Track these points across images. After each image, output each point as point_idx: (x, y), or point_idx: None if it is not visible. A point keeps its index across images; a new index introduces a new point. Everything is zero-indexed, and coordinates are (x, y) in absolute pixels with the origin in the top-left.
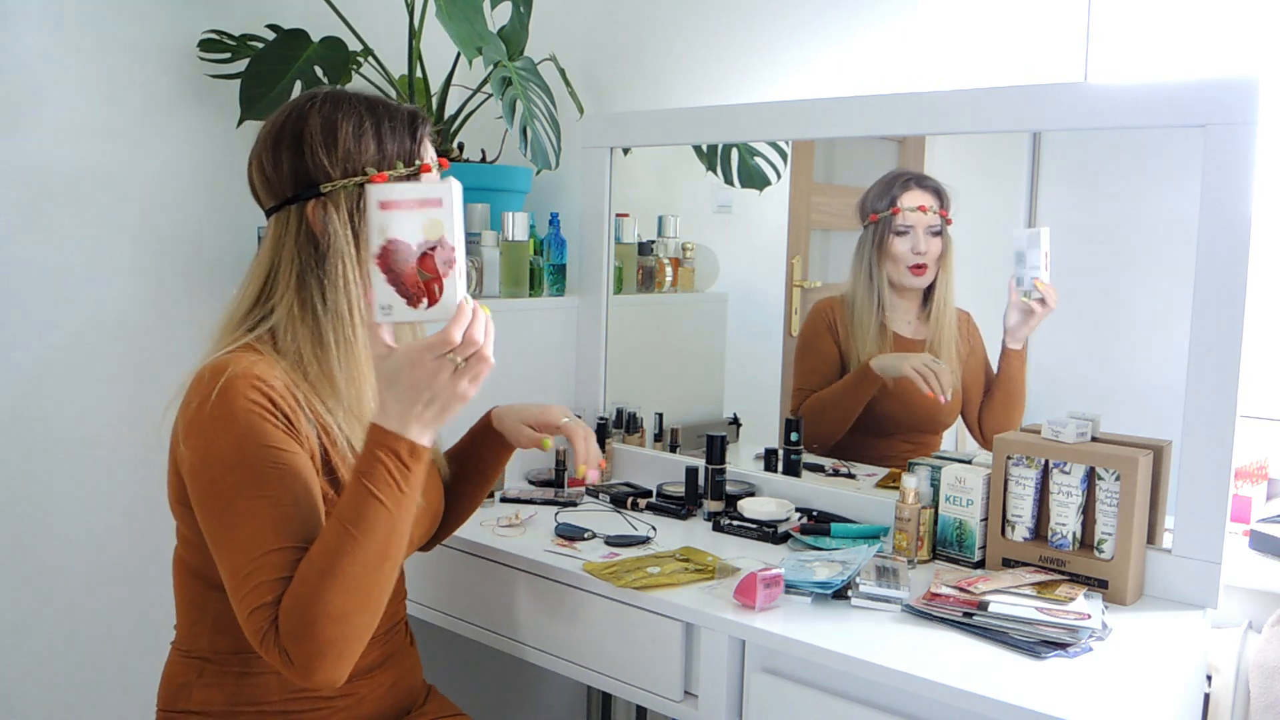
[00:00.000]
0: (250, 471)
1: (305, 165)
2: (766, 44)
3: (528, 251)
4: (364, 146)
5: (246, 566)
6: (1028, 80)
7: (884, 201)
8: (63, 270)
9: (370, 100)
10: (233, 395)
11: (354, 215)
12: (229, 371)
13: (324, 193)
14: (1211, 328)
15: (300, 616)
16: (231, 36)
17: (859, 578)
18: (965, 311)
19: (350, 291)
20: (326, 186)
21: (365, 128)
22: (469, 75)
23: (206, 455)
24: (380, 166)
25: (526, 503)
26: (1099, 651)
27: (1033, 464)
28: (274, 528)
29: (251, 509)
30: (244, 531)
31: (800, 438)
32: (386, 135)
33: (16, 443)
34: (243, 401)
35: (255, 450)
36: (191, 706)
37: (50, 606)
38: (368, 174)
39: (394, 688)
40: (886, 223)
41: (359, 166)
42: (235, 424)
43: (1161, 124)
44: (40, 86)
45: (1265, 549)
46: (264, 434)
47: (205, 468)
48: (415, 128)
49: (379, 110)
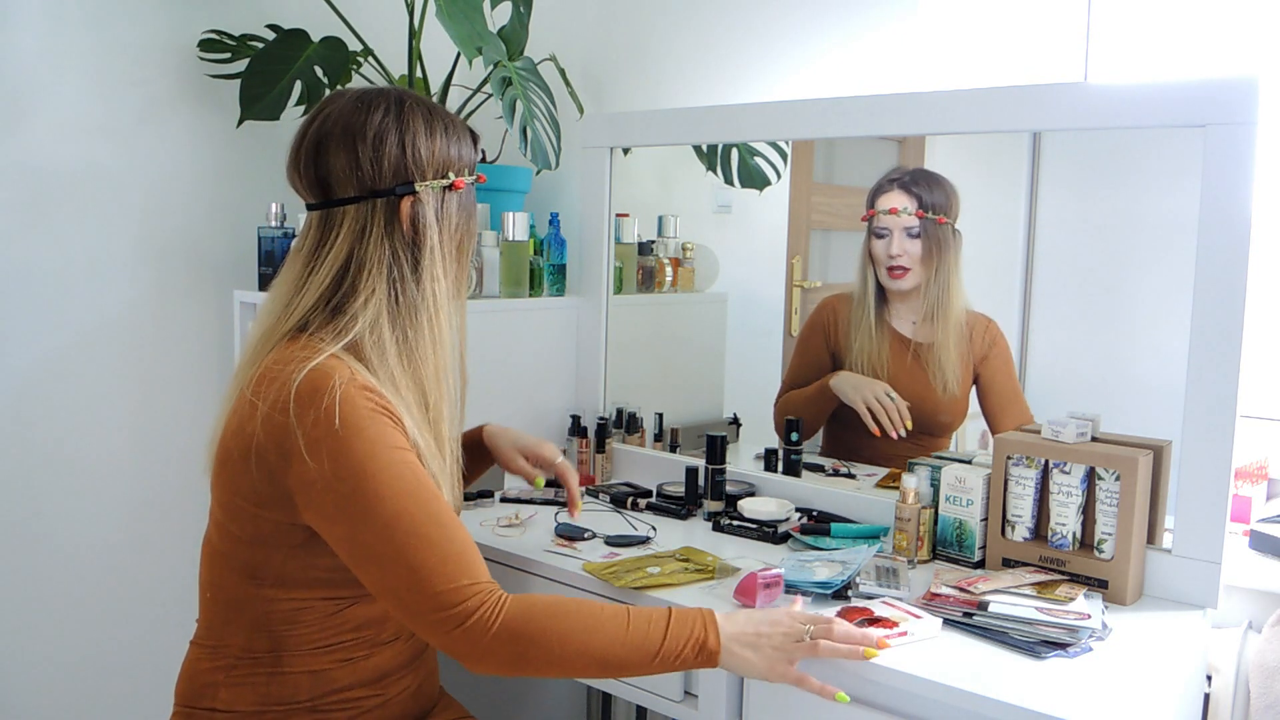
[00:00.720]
0: (391, 476)
1: (405, 161)
2: (766, 44)
3: (528, 251)
4: (452, 150)
5: (455, 549)
6: (1028, 80)
7: (868, 202)
8: (63, 270)
9: (435, 106)
10: (352, 406)
11: (439, 213)
12: (336, 382)
13: (417, 190)
14: (1211, 328)
15: (540, 627)
16: (231, 36)
17: (859, 578)
18: (984, 316)
19: (440, 286)
20: (421, 185)
21: (453, 133)
22: (469, 75)
23: (341, 468)
24: (460, 173)
25: (526, 503)
26: (1099, 651)
27: (1033, 464)
28: (433, 524)
29: (403, 513)
30: (404, 535)
31: (800, 438)
32: (464, 142)
33: (17, 443)
34: (364, 410)
35: (388, 453)
36: (217, 705)
37: (52, 607)
38: (450, 178)
39: (418, 691)
40: (870, 223)
41: (445, 169)
42: (365, 434)
43: (1161, 124)
44: (40, 86)
45: (1265, 549)
46: (393, 438)
47: (340, 480)
48: (475, 138)
49: (449, 118)
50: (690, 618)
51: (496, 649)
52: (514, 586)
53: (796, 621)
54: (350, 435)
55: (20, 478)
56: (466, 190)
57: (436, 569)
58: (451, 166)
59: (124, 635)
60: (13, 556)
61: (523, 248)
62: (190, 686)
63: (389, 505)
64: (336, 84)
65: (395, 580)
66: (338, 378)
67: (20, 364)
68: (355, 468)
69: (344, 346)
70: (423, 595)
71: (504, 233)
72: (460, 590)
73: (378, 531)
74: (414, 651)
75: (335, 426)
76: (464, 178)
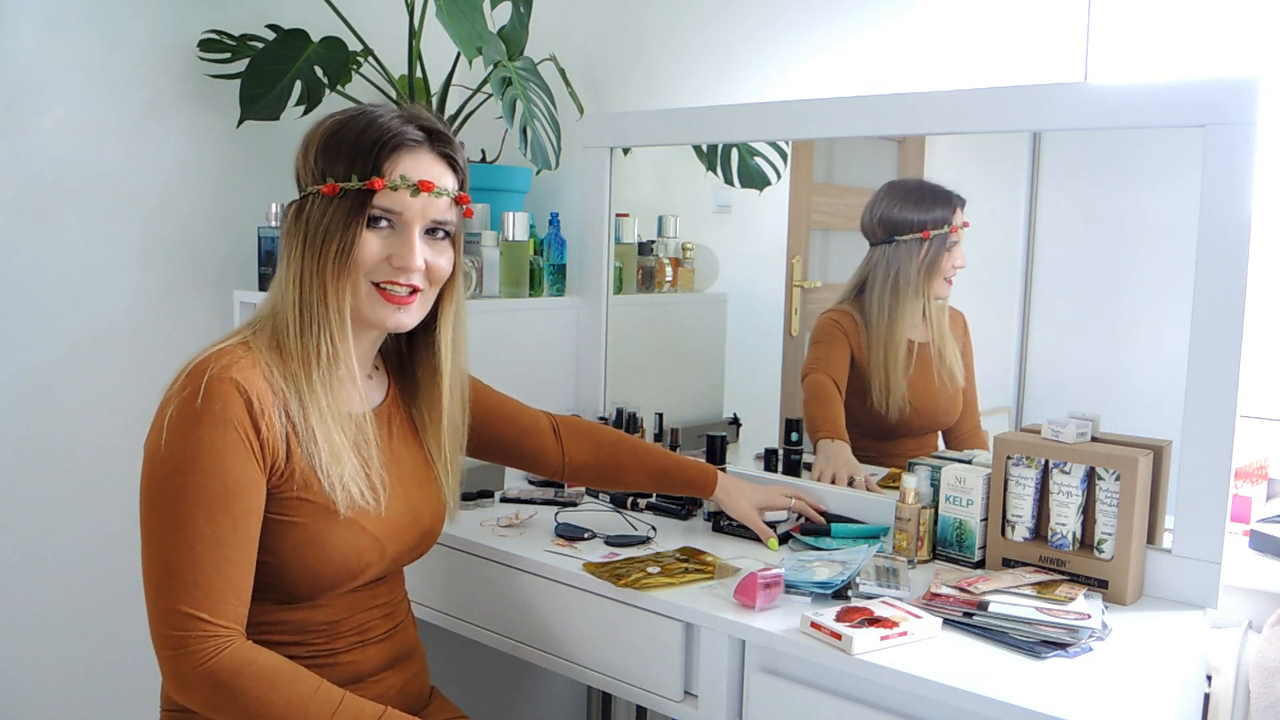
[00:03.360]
0: (201, 480)
1: (296, 169)
2: (766, 44)
3: (528, 251)
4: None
5: (180, 571)
6: (1028, 80)
7: (937, 220)
8: (62, 270)
9: (360, 112)
10: (206, 397)
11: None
12: (208, 373)
13: (300, 196)
14: (1211, 328)
15: (242, 687)
16: (231, 36)
17: (859, 578)
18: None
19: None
20: (300, 191)
21: (332, 137)
22: (469, 75)
23: (164, 450)
24: (337, 178)
25: (526, 503)
26: (1099, 651)
27: (1033, 464)
28: (209, 543)
29: (191, 517)
30: (180, 537)
31: (800, 437)
32: (345, 146)
33: (18, 443)
34: (214, 405)
35: (210, 462)
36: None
37: (52, 608)
38: (327, 181)
39: (403, 691)
40: (939, 239)
41: (322, 175)
42: (199, 429)
43: (1161, 124)
44: (40, 86)
45: (1265, 549)
46: (225, 446)
47: (159, 461)
48: (385, 141)
49: (356, 121)
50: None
51: (196, 686)
52: (514, 586)
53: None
54: (185, 425)
55: (21, 477)
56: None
57: (186, 588)
58: (329, 172)
59: (124, 635)
60: (13, 556)
61: (523, 248)
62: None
63: (180, 508)
64: (336, 84)
65: (150, 576)
66: (213, 367)
67: (20, 364)
68: (170, 456)
69: (253, 333)
70: (160, 604)
71: (504, 233)
72: (189, 619)
73: (161, 524)
74: (394, 652)
75: (176, 410)
76: (344, 183)
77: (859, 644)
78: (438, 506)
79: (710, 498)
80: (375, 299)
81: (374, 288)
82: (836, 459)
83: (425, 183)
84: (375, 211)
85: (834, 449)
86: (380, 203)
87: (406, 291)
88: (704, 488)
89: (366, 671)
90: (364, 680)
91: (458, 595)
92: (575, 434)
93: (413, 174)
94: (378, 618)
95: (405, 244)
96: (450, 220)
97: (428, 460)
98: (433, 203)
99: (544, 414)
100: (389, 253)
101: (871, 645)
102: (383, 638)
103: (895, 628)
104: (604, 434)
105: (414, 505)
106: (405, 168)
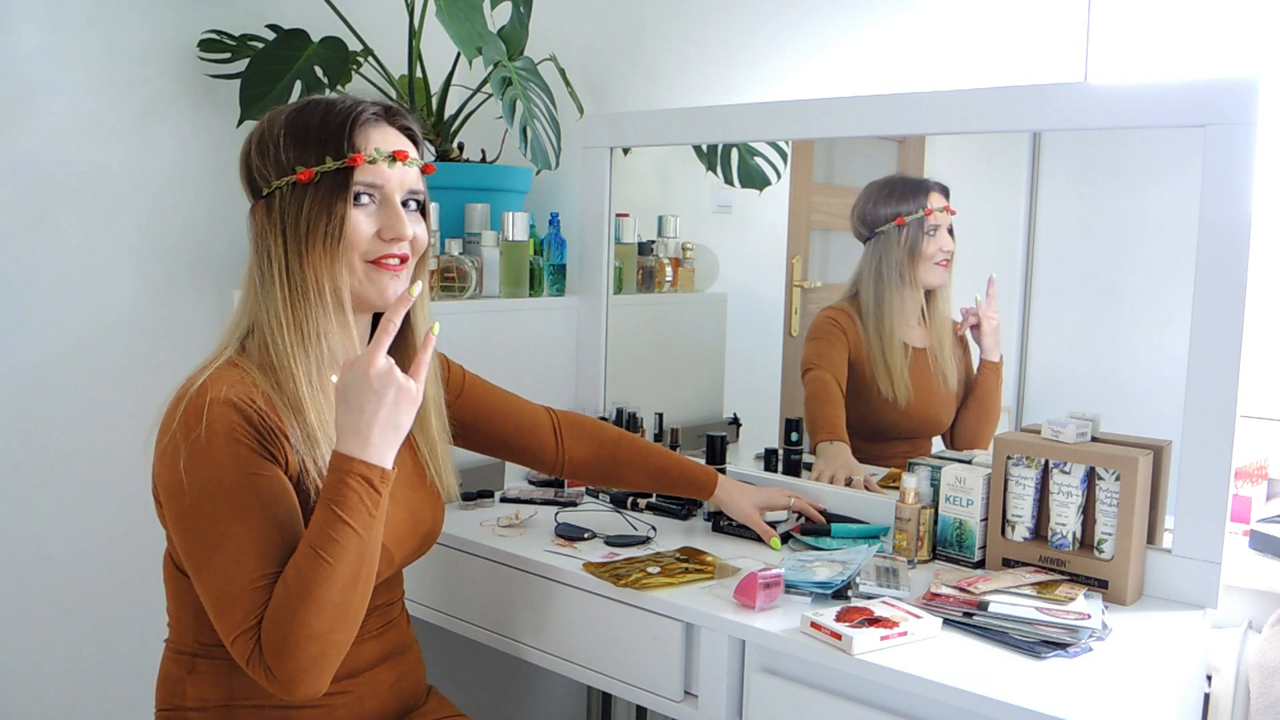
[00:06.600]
0: (230, 498)
1: (251, 171)
2: (765, 44)
3: (528, 251)
4: (299, 145)
5: (230, 590)
6: (1028, 80)
7: (912, 206)
8: (62, 269)
9: (312, 100)
10: (211, 420)
11: (294, 215)
12: (209, 397)
13: (265, 195)
14: (1211, 328)
15: (282, 638)
16: (231, 36)
17: (859, 578)
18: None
19: (305, 289)
20: (266, 189)
21: (294, 126)
22: (469, 75)
23: (185, 481)
24: (307, 163)
25: (526, 503)
26: (1099, 651)
27: (1033, 464)
28: (256, 553)
29: (232, 532)
30: (225, 556)
31: (800, 437)
32: (312, 131)
33: (17, 442)
34: (220, 426)
35: (236, 477)
36: (187, 703)
37: (51, 608)
38: (297, 171)
39: (396, 686)
40: (916, 225)
41: (291, 166)
42: (214, 450)
43: (1161, 124)
44: (40, 86)
45: (1265, 549)
46: (243, 459)
47: (182, 493)
48: (353, 117)
49: (312, 107)
50: (335, 486)
51: (281, 675)
52: (514, 586)
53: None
54: (197, 451)
55: (20, 476)
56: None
57: (236, 606)
58: (296, 160)
59: (125, 635)
60: (13, 556)
61: (523, 248)
62: (163, 687)
63: (220, 526)
64: (336, 84)
65: (209, 605)
66: (212, 391)
67: (19, 363)
68: (193, 484)
69: (240, 354)
70: (223, 632)
71: (504, 233)
72: (242, 638)
73: (203, 550)
74: (388, 648)
75: (186, 440)
76: (319, 166)
77: (859, 644)
78: (436, 506)
79: (710, 499)
80: (374, 273)
81: (369, 265)
82: (836, 460)
83: (400, 152)
84: (358, 188)
85: (834, 451)
86: (362, 178)
87: (397, 261)
88: (704, 488)
89: (359, 667)
90: (357, 675)
91: (457, 595)
92: (576, 431)
93: (384, 147)
94: (372, 616)
95: (392, 214)
96: (421, 190)
97: (418, 458)
98: (407, 172)
99: (545, 410)
100: (377, 226)
101: (871, 645)
102: (375, 634)
103: (895, 628)
104: (605, 432)
105: (414, 509)
106: (376, 141)
